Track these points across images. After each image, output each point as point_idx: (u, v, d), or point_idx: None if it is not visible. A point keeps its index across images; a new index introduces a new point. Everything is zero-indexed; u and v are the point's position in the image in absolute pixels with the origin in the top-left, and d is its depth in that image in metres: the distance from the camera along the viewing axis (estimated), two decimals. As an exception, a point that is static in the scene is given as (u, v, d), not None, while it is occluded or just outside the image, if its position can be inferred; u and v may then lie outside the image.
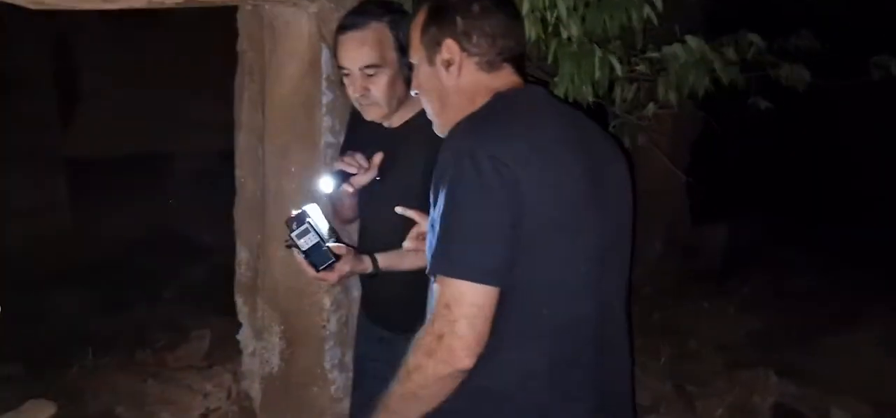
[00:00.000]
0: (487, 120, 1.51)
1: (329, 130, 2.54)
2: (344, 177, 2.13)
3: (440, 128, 1.68)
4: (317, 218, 2.04)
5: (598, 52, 1.86)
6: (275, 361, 2.79)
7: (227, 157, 2.95)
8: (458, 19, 1.57)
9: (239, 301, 3.01)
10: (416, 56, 1.65)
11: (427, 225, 1.89)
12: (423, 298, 2.13)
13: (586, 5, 1.94)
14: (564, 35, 1.92)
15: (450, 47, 1.58)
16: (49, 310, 4.57)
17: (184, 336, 3.85)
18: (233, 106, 3.00)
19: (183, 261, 5.40)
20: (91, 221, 5.84)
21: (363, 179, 2.14)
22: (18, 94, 5.68)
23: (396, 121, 2.14)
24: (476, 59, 1.58)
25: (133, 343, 3.88)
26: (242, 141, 2.89)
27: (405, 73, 2.03)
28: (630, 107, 2.15)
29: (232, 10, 2.89)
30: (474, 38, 1.57)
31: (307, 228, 1.95)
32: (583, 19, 1.92)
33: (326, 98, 2.51)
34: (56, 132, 6.10)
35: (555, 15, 1.89)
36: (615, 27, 1.90)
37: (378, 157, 2.13)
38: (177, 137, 6.40)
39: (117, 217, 5.84)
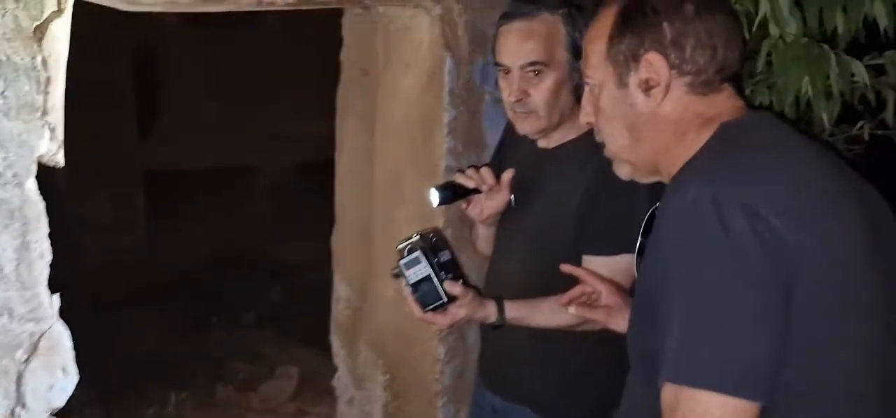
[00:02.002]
0: (728, 156, 1.10)
1: (450, 153, 2.17)
2: (458, 192, 1.78)
3: (627, 169, 1.27)
4: (436, 246, 1.70)
5: (832, 56, 1.43)
6: (377, 414, 2.44)
7: (305, 172, 2.65)
8: (665, 25, 1.15)
9: (336, 343, 2.67)
10: (599, 74, 1.23)
11: (609, 292, 1.52)
12: (554, 364, 1.76)
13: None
14: (775, 33, 1.50)
15: (654, 64, 1.16)
16: (125, 332, 4.35)
17: (267, 368, 3.55)
18: (315, 118, 2.68)
19: (262, 282, 5.15)
20: (167, 237, 5.65)
21: (491, 203, 1.78)
22: (98, 104, 5.53)
23: (553, 140, 1.77)
24: (688, 78, 1.16)
25: (213, 374, 3.60)
26: (345, 162, 2.56)
27: (575, 81, 1.66)
28: (833, 130, 1.71)
29: (313, 16, 2.55)
30: (688, 51, 1.15)
31: (418, 257, 1.64)
32: (801, 10, 1.48)
33: (448, 116, 2.15)
34: (134, 144, 5.94)
35: (763, 8, 1.46)
36: (853, 24, 1.47)
37: (508, 175, 1.77)
38: (255, 150, 6.18)
39: (194, 232, 5.64)
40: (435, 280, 1.64)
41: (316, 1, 1.87)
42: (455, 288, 1.65)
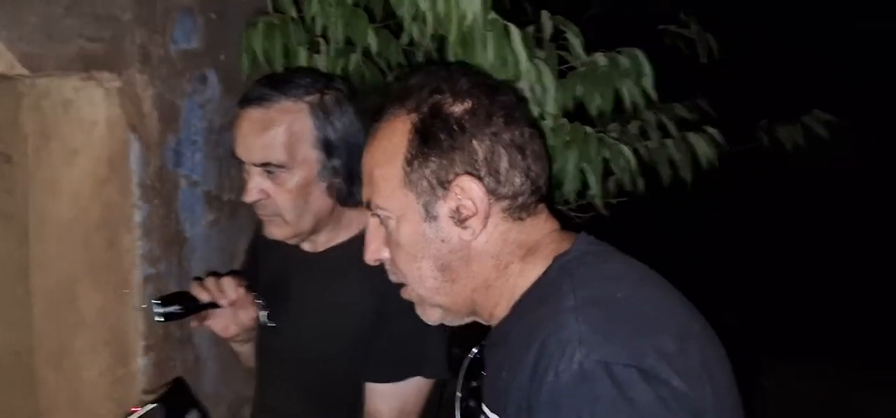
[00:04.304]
0: (592, 305, 0.90)
1: (146, 259, 1.72)
2: (189, 306, 1.45)
3: (437, 313, 1.05)
4: (180, 408, 1.34)
5: (595, 138, 1.38)
6: None
7: None
8: (475, 143, 0.96)
9: None
10: (395, 204, 1.00)
11: None
12: None
13: (562, 76, 1.45)
14: (533, 113, 1.40)
15: (467, 190, 0.96)
16: None
17: None
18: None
19: None
20: None
21: (239, 318, 1.44)
22: None
23: (320, 243, 1.45)
24: (505, 203, 0.98)
25: None
26: (-16, 279, 1.91)
27: (329, 181, 1.37)
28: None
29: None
30: (503, 171, 0.96)
31: None
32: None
33: (140, 213, 1.70)
34: None
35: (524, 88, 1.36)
36: (608, 105, 1.44)
37: (237, 291, 1.45)
38: None
39: None
40: None
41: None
42: None
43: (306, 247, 1.47)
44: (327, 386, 1.38)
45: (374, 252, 1.04)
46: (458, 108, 0.97)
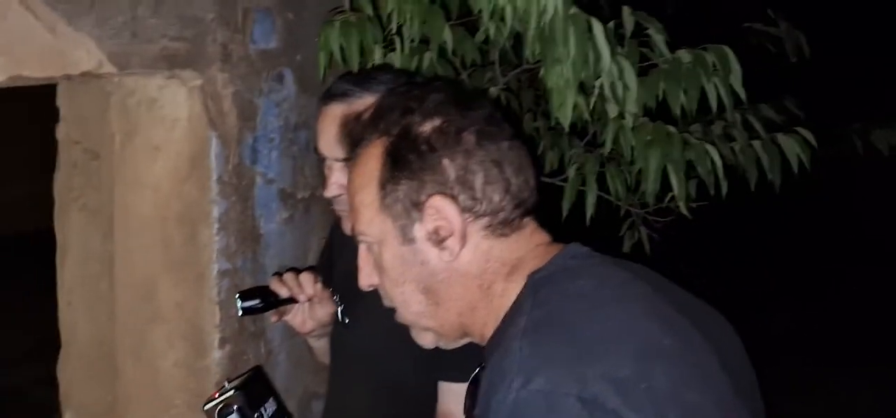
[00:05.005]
0: (549, 326, 0.86)
1: (223, 254, 1.76)
2: (269, 301, 1.46)
3: (430, 337, 1.04)
4: (258, 397, 1.33)
5: (679, 138, 1.32)
6: None
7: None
8: (445, 161, 0.94)
9: None
10: (375, 229, 0.99)
11: None
12: None
13: (643, 74, 1.40)
14: (612, 112, 1.36)
15: (441, 210, 0.94)
16: None
17: None
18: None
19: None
20: None
21: (315, 314, 1.45)
22: None
23: None
24: (485, 220, 0.95)
25: None
26: (70, 272, 1.98)
27: None
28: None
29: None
30: (478, 188, 0.94)
31: None
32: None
33: (218, 208, 1.73)
34: None
35: (600, 86, 1.31)
36: (694, 104, 1.39)
37: (314, 287, 1.44)
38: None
39: None
40: None
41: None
42: None
43: None
44: (399, 384, 1.37)
45: (367, 277, 1.04)
46: (426, 128, 0.96)
